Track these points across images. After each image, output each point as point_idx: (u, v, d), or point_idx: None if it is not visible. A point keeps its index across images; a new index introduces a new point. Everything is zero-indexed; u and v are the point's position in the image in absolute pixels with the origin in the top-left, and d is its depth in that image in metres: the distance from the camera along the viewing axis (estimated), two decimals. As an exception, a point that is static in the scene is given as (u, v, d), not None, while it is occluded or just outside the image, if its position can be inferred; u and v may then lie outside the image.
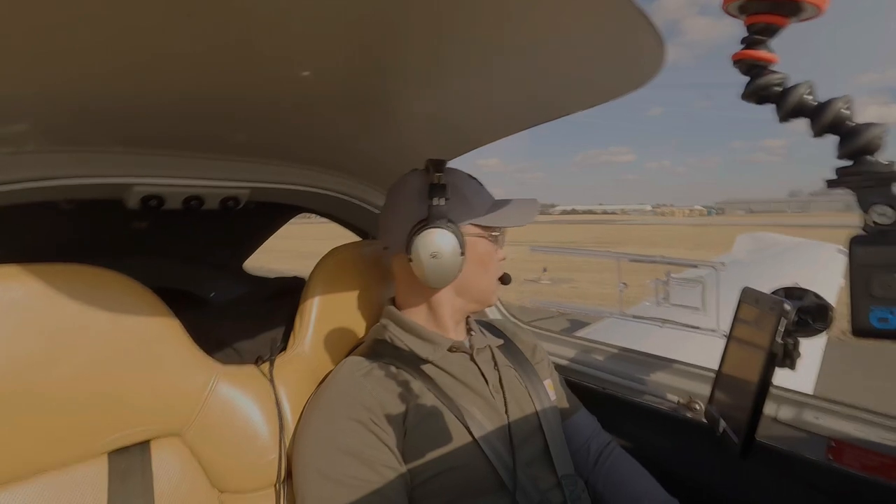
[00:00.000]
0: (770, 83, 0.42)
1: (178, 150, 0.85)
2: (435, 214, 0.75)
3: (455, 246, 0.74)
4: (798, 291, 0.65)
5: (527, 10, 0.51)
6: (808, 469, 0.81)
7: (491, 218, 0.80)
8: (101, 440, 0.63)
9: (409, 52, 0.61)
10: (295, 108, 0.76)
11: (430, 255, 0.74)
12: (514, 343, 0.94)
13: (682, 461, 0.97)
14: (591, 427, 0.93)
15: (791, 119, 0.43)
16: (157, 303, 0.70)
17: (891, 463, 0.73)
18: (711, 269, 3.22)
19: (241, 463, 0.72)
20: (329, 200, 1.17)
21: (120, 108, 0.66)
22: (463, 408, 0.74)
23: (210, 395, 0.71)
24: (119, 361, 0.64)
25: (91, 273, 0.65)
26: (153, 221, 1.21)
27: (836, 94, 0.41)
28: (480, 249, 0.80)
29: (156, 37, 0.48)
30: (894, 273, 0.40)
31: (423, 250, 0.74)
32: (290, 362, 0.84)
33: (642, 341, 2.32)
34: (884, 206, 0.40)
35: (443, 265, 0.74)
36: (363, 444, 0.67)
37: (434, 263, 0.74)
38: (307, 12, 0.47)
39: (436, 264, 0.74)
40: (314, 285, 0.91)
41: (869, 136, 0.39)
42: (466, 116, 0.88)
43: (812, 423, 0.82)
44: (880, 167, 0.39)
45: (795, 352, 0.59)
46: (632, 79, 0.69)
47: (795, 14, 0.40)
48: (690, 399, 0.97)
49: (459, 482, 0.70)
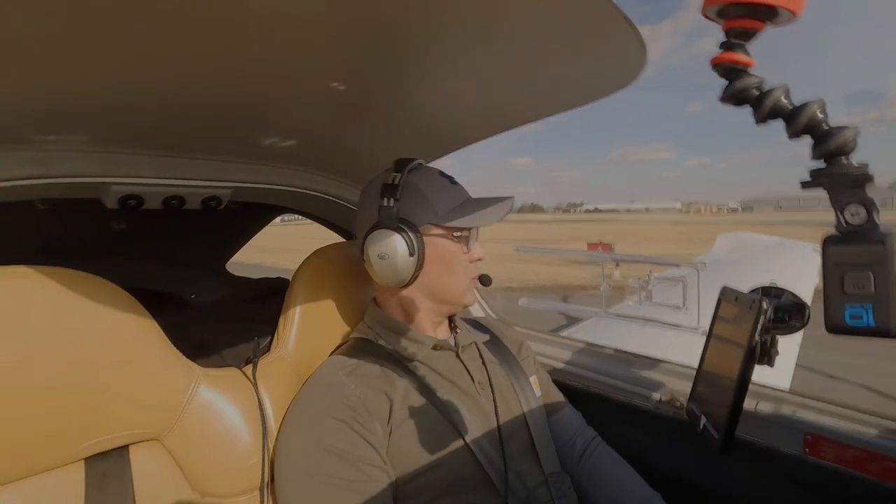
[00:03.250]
0: (747, 86, 0.43)
1: (158, 149, 0.83)
2: (384, 216, 0.75)
3: (402, 247, 0.74)
4: (775, 290, 0.66)
5: (510, 12, 0.51)
6: (785, 462, 0.82)
7: (450, 218, 0.77)
8: (78, 446, 0.61)
9: (394, 52, 0.61)
10: (279, 107, 0.76)
11: (378, 256, 0.74)
12: (500, 340, 0.95)
13: (664, 457, 0.99)
14: (577, 423, 0.94)
15: (768, 121, 0.44)
16: (135, 305, 0.68)
17: (864, 456, 0.75)
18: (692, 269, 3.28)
19: (224, 467, 0.71)
20: (313, 200, 1.16)
21: (97, 105, 0.65)
22: (449, 405, 0.75)
23: (191, 399, 0.70)
24: (95, 366, 0.62)
25: (66, 275, 0.63)
26: (132, 222, 1.19)
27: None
28: (443, 250, 0.78)
29: (136, 31, 0.47)
30: (866, 271, 0.41)
31: (372, 252, 0.75)
32: (274, 364, 0.83)
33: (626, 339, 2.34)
34: (856, 205, 0.41)
35: (392, 266, 0.74)
36: (347, 443, 0.66)
37: (383, 265, 0.74)
38: (291, 11, 0.47)
39: (384, 265, 0.74)
40: (298, 286, 0.90)
41: (842, 138, 0.40)
42: (451, 115, 0.89)
43: (789, 417, 0.84)
44: (852, 169, 0.40)
45: (773, 349, 0.60)
46: (614, 80, 0.70)
47: (771, 18, 0.41)
48: (672, 396, 0.99)
49: (446, 479, 0.70)
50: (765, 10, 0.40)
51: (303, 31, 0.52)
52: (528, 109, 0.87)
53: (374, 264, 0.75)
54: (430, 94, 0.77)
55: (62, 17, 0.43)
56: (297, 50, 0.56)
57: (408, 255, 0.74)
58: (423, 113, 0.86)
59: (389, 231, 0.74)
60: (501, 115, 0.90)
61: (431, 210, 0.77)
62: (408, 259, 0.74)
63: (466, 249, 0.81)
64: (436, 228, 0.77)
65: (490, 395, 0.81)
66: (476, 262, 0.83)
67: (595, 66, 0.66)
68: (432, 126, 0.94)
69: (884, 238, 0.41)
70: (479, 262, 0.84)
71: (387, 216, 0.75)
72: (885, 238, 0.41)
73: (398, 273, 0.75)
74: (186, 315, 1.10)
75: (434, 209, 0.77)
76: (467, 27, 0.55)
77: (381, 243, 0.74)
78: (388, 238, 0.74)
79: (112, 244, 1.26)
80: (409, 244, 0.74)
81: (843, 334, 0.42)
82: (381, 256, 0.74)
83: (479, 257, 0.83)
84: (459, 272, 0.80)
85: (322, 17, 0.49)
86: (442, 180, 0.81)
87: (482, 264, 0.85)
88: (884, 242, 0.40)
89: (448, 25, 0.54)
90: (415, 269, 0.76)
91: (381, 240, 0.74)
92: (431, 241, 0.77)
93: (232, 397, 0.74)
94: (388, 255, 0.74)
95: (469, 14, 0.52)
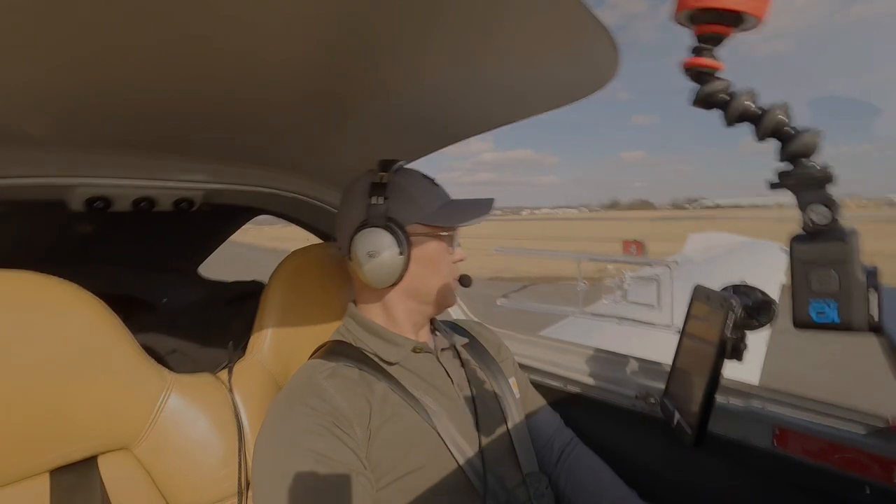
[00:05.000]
0: (716, 90, 0.45)
1: (127, 149, 0.81)
2: (373, 214, 0.75)
3: (392, 245, 0.74)
4: (745, 288, 0.68)
5: (490, 12, 0.51)
6: (755, 456, 0.85)
7: (436, 217, 0.78)
8: (42, 458, 0.59)
9: (373, 51, 0.60)
10: (253, 107, 0.74)
11: (367, 254, 0.74)
12: (479, 342, 0.95)
13: (640, 452, 1.01)
14: (555, 425, 0.95)
15: (737, 124, 0.45)
16: (103, 310, 0.66)
17: (827, 447, 0.78)
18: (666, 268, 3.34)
19: (199, 475, 0.69)
20: (290, 202, 1.14)
21: (62, 104, 0.63)
22: (428, 408, 0.74)
23: (163, 407, 0.68)
24: (61, 374, 0.60)
25: (30, 279, 0.61)
26: (100, 224, 1.15)
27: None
28: (429, 250, 0.79)
29: (103, 28, 0.46)
30: (830, 269, 0.43)
31: (360, 250, 0.74)
32: (250, 369, 0.81)
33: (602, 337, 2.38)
34: (820, 206, 0.43)
35: (381, 264, 0.74)
36: (327, 447, 0.66)
37: (372, 263, 0.74)
38: (267, 6, 0.46)
39: (374, 264, 0.74)
40: (274, 289, 0.89)
41: (805, 140, 0.42)
42: (431, 116, 0.88)
43: (758, 411, 0.87)
44: (814, 170, 0.42)
45: (742, 345, 0.62)
46: (591, 81, 0.71)
47: (738, 24, 0.42)
48: (647, 393, 1.01)
49: (426, 482, 0.70)
50: (731, 15, 0.41)
51: (275, 31, 0.51)
52: (505, 110, 0.87)
53: (362, 263, 0.75)
54: (407, 96, 0.77)
55: (26, 13, 0.42)
56: (269, 49, 0.56)
57: (397, 254, 0.74)
58: (400, 113, 0.85)
59: (378, 229, 0.74)
60: (480, 117, 0.90)
61: (418, 209, 0.77)
62: (397, 257, 0.74)
63: (451, 250, 0.81)
64: (422, 228, 0.78)
65: (470, 398, 0.81)
66: (458, 262, 0.84)
67: (572, 68, 0.67)
68: (409, 127, 0.93)
69: (845, 236, 0.42)
70: (460, 262, 0.84)
71: (376, 214, 0.75)
72: (846, 236, 0.42)
73: (386, 271, 0.75)
74: (158, 320, 1.07)
75: (421, 209, 0.78)
76: (442, 26, 0.55)
77: (370, 241, 0.74)
78: (378, 235, 0.74)
79: (80, 246, 1.22)
80: (398, 242, 0.74)
81: (809, 329, 0.44)
82: (370, 254, 0.74)
83: (462, 258, 0.84)
84: (444, 272, 0.81)
85: (299, 15, 0.49)
86: (425, 181, 0.82)
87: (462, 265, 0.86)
88: (845, 241, 0.42)
89: (423, 24, 0.54)
90: (403, 269, 0.75)
91: (369, 238, 0.74)
92: (418, 241, 0.77)
93: (206, 403, 0.73)
94: (377, 253, 0.73)
95: (444, 13, 0.52)
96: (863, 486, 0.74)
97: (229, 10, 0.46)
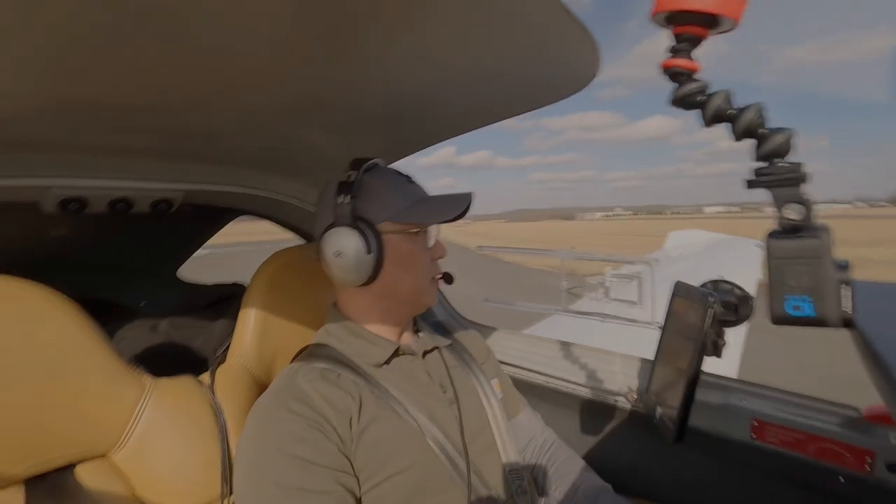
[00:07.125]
0: (693, 91, 0.46)
1: (102, 150, 0.79)
2: (340, 213, 0.74)
3: (358, 243, 0.73)
4: (723, 284, 0.69)
5: (467, 12, 0.51)
6: (734, 448, 0.87)
7: (407, 214, 0.77)
8: (15, 468, 0.57)
9: (347, 51, 0.60)
10: (230, 108, 0.73)
11: (334, 253, 0.73)
12: (461, 343, 0.95)
13: (623, 447, 1.02)
14: (536, 424, 0.96)
15: (714, 124, 0.46)
16: (78, 315, 0.64)
17: (803, 438, 0.80)
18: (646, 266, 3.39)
19: (181, 480, 0.68)
20: (271, 203, 1.13)
21: (34, 105, 0.61)
22: (412, 409, 0.74)
23: (142, 412, 0.67)
24: (35, 381, 0.58)
25: (2, 284, 0.59)
26: (76, 227, 1.12)
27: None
28: (402, 248, 0.77)
29: (76, 29, 0.45)
30: (804, 265, 0.44)
31: (328, 250, 0.74)
32: (232, 372, 0.80)
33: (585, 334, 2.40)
34: (794, 203, 0.44)
35: (347, 264, 0.73)
36: (312, 450, 0.65)
37: (338, 262, 0.73)
38: (244, 7, 0.45)
39: (340, 263, 0.73)
40: (256, 291, 0.88)
41: (778, 140, 0.43)
42: (413, 116, 0.88)
43: (737, 405, 0.89)
44: (788, 169, 0.43)
45: (721, 340, 0.63)
46: (571, 82, 0.71)
47: (714, 26, 0.43)
48: (629, 389, 1.02)
49: (411, 483, 0.70)
50: (708, 17, 0.42)
51: (251, 30, 0.50)
52: (487, 110, 0.88)
53: (330, 263, 0.74)
54: (391, 95, 0.77)
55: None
56: (246, 49, 0.55)
57: (364, 253, 0.73)
58: (382, 113, 0.85)
59: (345, 228, 0.73)
60: (463, 116, 0.90)
61: (387, 207, 0.76)
62: (364, 256, 0.73)
63: (426, 247, 0.81)
64: (393, 226, 0.77)
65: (453, 398, 0.81)
66: (437, 260, 0.83)
67: (553, 69, 0.68)
68: (391, 127, 0.93)
69: (818, 233, 0.43)
70: (440, 260, 0.83)
71: (342, 214, 0.74)
72: (819, 233, 0.43)
73: (355, 271, 0.74)
74: (135, 324, 1.05)
75: (390, 207, 0.77)
76: (419, 26, 0.54)
77: (337, 240, 0.73)
78: (343, 235, 0.73)
79: (55, 249, 1.19)
80: (365, 241, 0.73)
81: (786, 324, 0.45)
82: (336, 254, 0.73)
83: (441, 255, 0.83)
84: (418, 271, 0.80)
85: (278, 13, 0.48)
86: (399, 178, 0.81)
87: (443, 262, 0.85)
88: (818, 237, 0.43)
89: (399, 25, 0.54)
90: (373, 268, 0.75)
91: (336, 237, 0.73)
92: (389, 240, 0.76)
93: (187, 408, 0.71)
94: (344, 253, 0.73)
95: (420, 13, 0.51)
96: (837, 476, 0.76)
97: (204, 10, 0.45)
